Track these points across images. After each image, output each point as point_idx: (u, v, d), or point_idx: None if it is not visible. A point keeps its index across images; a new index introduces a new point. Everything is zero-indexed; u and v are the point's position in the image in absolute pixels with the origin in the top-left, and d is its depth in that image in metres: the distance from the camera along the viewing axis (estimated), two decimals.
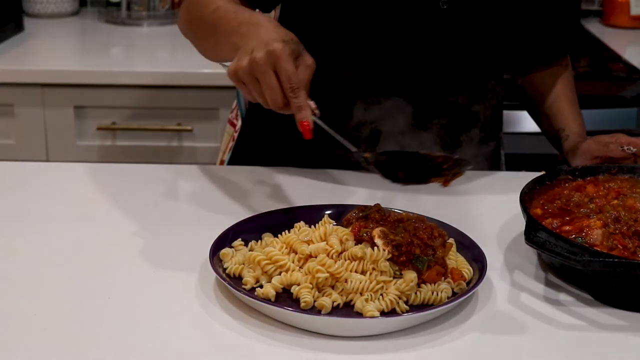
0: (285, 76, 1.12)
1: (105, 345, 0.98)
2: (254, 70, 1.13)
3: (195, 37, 1.38)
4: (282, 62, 1.12)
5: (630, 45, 2.65)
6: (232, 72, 1.15)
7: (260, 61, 1.12)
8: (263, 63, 1.12)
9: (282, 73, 1.12)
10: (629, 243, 1.11)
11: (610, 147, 1.39)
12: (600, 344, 1.01)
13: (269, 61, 1.12)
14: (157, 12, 2.67)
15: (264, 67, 1.12)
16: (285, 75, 1.12)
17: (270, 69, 1.12)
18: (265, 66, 1.12)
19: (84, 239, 1.24)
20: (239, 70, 1.14)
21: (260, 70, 1.12)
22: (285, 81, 1.13)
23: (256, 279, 1.08)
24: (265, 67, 1.12)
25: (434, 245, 1.08)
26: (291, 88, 1.13)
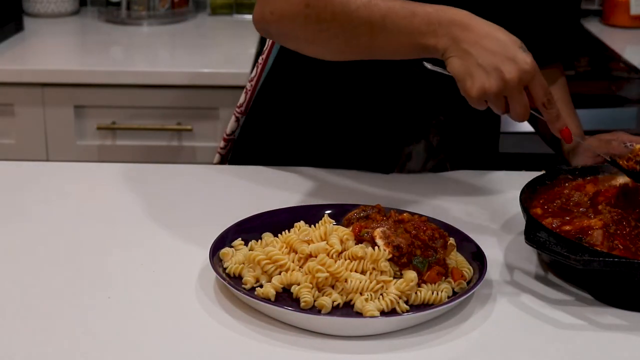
0: (541, 90, 1.10)
1: (105, 345, 0.98)
2: (506, 91, 1.09)
3: (323, 38, 1.20)
4: (537, 78, 1.09)
5: (630, 44, 2.65)
6: (478, 93, 1.09)
7: (516, 82, 1.07)
8: (519, 83, 1.08)
9: (536, 88, 1.10)
10: (630, 243, 1.11)
11: (612, 144, 1.39)
12: (600, 344, 1.01)
13: (524, 80, 1.08)
14: (157, 12, 2.67)
15: (518, 88, 1.08)
16: (541, 90, 1.10)
17: (522, 87, 1.09)
18: (520, 86, 1.08)
19: (84, 239, 1.24)
20: (488, 92, 1.08)
21: (513, 91, 1.08)
22: (541, 95, 1.10)
23: (256, 279, 1.08)
24: (520, 87, 1.08)
25: (435, 246, 1.08)
26: (547, 100, 1.11)
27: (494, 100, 1.10)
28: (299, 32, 1.22)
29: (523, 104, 1.10)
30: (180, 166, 1.54)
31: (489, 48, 1.08)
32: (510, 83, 1.08)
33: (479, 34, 1.09)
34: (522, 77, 1.08)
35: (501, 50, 1.08)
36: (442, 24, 1.11)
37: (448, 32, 1.10)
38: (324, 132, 1.49)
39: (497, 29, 1.11)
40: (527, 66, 1.08)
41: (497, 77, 1.08)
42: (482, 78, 1.08)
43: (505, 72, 1.07)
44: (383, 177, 1.46)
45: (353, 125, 1.46)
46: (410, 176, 1.47)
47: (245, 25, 2.63)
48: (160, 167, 1.54)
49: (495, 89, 1.08)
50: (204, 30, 2.65)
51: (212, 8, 2.78)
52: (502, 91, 1.08)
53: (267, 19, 1.24)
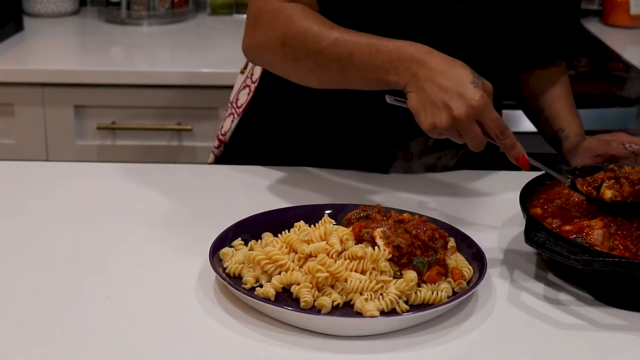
0: (492, 125, 1.14)
1: (105, 345, 0.98)
2: (456, 126, 1.13)
3: (300, 72, 1.29)
4: (487, 113, 1.13)
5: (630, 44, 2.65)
6: (429, 128, 1.14)
7: (464, 118, 1.12)
8: (467, 119, 1.12)
9: (487, 123, 1.13)
10: (630, 243, 1.11)
11: (611, 145, 1.39)
12: (600, 344, 1.01)
13: (473, 116, 1.12)
14: (157, 12, 2.67)
15: (468, 123, 1.12)
16: (492, 124, 1.14)
17: (473, 122, 1.13)
18: (469, 122, 1.12)
19: (84, 238, 1.24)
20: (438, 127, 1.13)
21: (465, 126, 1.13)
22: (493, 128, 1.14)
23: (256, 279, 1.08)
24: (470, 123, 1.13)
25: (435, 246, 1.08)
26: (500, 132, 1.14)
27: (446, 134, 1.15)
28: (278, 66, 1.32)
29: (474, 137, 1.14)
30: (180, 166, 1.54)
31: (441, 85, 1.13)
32: (459, 119, 1.12)
33: (434, 70, 1.15)
34: (469, 114, 1.12)
35: (452, 87, 1.13)
36: (402, 60, 1.17)
37: (407, 68, 1.17)
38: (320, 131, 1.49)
39: (453, 65, 1.15)
40: (475, 102, 1.12)
41: (446, 113, 1.13)
42: (434, 114, 1.13)
43: (454, 108, 1.12)
44: (383, 177, 1.47)
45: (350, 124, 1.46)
46: (410, 176, 1.47)
47: None
48: (160, 167, 1.54)
49: (445, 125, 1.13)
50: (204, 30, 2.65)
51: (212, 8, 2.78)
52: (452, 126, 1.13)
53: (252, 50, 1.34)
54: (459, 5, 1.35)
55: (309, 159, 1.49)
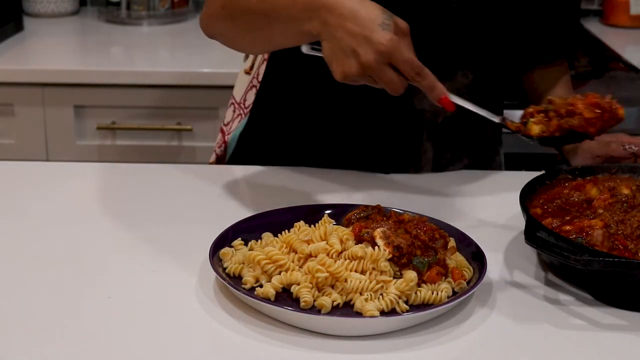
0: (405, 66, 1.09)
1: (105, 345, 0.98)
2: (367, 72, 1.09)
3: (240, 32, 1.29)
4: (396, 55, 1.07)
5: (630, 44, 2.65)
6: (340, 77, 1.10)
7: (372, 63, 1.07)
8: (377, 64, 1.07)
9: (400, 65, 1.08)
10: (630, 244, 1.11)
11: (611, 146, 1.39)
12: (600, 344, 1.01)
13: (382, 60, 1.08)
14: (157, 12, 2.67)
15: (379, 67, 1.08)
16: (405, 66, 1.09)
17: (385, 66, 1.08)
18: (380, 65, 1.08)
19: (84, 238, 1.24)
20: (348, 76, 1.10)
21: (375, 71, 1.08)
22: (407, 70, 1.09)
23: (256, 279, 1.08)
24: (381, 66, 1.08)
25: (436, 246, 1.08)
26: (415, 73, 1.10)
27: (360, 81, 1.11)
28: (222, 31, 1.31)
29: (389, 81, 1.09)
30: (180, 166, 1.54)
31: (350, 30, 1.08)
32: (367, 65, 1.08)
33: (343, 15, 1.09)
34: (377, 59, 1.07)
35: (360, 31, 1.08)
36: (314, 9, 1.12)
37: (319, 16, 1.11)
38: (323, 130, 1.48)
39: (362, 7, 1.10)
40: (383, 46, 1.07)
41: (355, 60, 1.08)
42: (343, 62, 1.09)
43: (361, 55, 1.08)
44: (383, 177, 1.46)
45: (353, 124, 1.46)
46: (410, 176, 1.47)
47: None
48: (160, 167, 1.54)
49: (355, 72, 1.09)
50: None
51: None
52: (363, 73, 1.09)
53: (204, 22, 1.35)
54: (453, 3, 1.35)
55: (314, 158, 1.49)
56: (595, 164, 1.38)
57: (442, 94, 1.12)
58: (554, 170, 1.30)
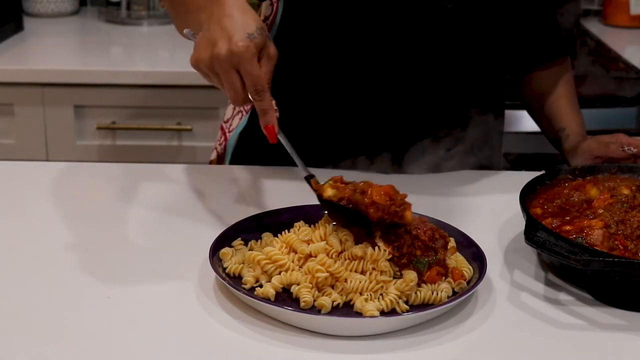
0: (250, 79, 1.10)
1: (105, 345, 0.98)
2: (215, 66, 1.10)
3: (171, 15, 1.33)
4: (245, 64, 1.09)
5: (630, 44, 2.65)
6: (193, 62, 1.12)
7: (222, 59, 1.09)
8: (225, 62, 1.09)
9: (245, 76, 1.10)
10: (630, 244, 1.11)
11: (610, 147, 1.39)
12: (600, 344, 1.01)
13: (231, 61, 1.09)
14: (157, 12, 2.67)
15: (225, 66, 1.09)
16: (249, 78, 1.10)
17: (232, 68, 1.09)
18: (227, 65, 1.09)
19: (83, 238, 1.23)
20: (200, 62, 1.11)
21: (222, 68, 1.09)
22: (249, 84, 1.10)
23: (256, 279, 1.08)
24: (227, 66, 1.09)
25: (436, 247, 1.08)
26: (255, 90, 1.11)
27: (205, 73, 1.12)
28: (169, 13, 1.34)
29: (231, 86, 1.11)
30: (180, 166, 1.54)
31: (223, 26, 1.10)
32: (216, 59, 1.09)
33: (225, 12, 1.11)
34: (227, 58, 1.08)
35: (229, 29, 1.09)
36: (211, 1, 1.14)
37: (210, 8, 1.13)
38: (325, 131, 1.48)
39: (244, 13, 1.12)
40: (237, 49, 1.08)
41: (209, 50, 1.09)
42: (200, 49, 1.11)
43: (217, 47, 1.09)
44: (383, 177, 1.46)
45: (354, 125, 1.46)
46: (410, 176, 1.47)
47: None
48: (160, 167, 1.54)
49: (205, 60, 1.10)
50: None
51: None
52: (211, 65, 1.10)
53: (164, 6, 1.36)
54: (448, 4, 1.35)
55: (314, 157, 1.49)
56: (596, 163, 1.38)
57: (270, 122, 1.14)
58: (554, 171, 1.30)
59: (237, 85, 1.11)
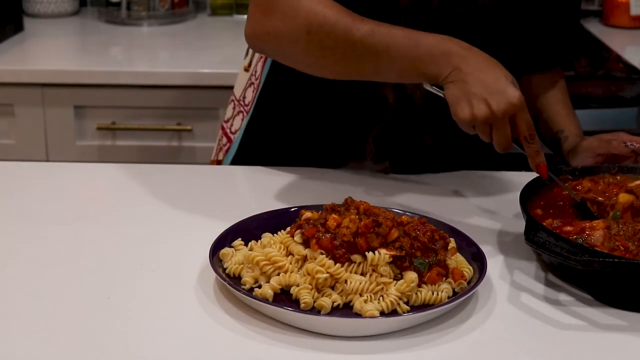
0: (525, 125, 1.17)
1: (105, 345, 0.98)
2: (490, 120, 1.16)
3: (327, 61, 1.25)
4: (523, 113, 1.16)
5: (630, 45, 2.65)
6: (468, 119, 1.16)
7: (501, 113, 1.15)
8: (504, 115, 1.15)
9: (521, 123, 1.17)
10: (631, 245, 1.11)
11: (612, 144, 1.39)
12: (600, 344, 1.01)
13: (509, 113, 1.15)
14: (157, 12, 2.67)
15: (503, 119, 1.16)
16: (525, 125, 1.17)
17: (507, 120, 1.16)
18: (505, 118, 1.15)
19: (83, 238, 1.24)
20: (477, 118, 1.15)
21: (498, 122, 1.16)
22: (525, 130, 1.17)
23: (255, 279, 1.08)
24: (505, 119, 1.16)
25: (436, 248, 1.08)
26: (530, 135, 1.18)
27: (480, 127, 1.17)
28: (298, 56, 1.28)
29: (505, 135, 1.17)
30: (180, 166, 1.54)
31: (483, 80, 1.16)
32: (497, 114, 1.15)
33: (476, 66, 1.17)
34: (507, 110, 1.15)
35: (493, 83, 1.16)
36: (444, 54, 1.18)
37: (449, 61, 1.18)
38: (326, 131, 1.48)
39: (493, 64, 1.18)
40: (515, 100, 1.15)
41: (485, 107, 1.15)
42: (472, 105, 1.16)
43: (493, 103, 1.15)
44: (383, 177, 1.47)
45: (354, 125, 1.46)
46: (410, 176, 1.47)
47: None
48: (160, 167, 1.54)
49: (483, 117, 1.15)
50: (204, 31, 2.65)
51: (212, 9, 2.78)
52: (489, 120, 1.16)
53: (262, 38, 1.28)
54: (459, 7, 1.35)
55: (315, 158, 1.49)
56: (597, 162, 1.38)
57: (543, 162, 1.21)
58: (554, 171, 1.30)
59: (509, 133, 1.17)
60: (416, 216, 1.16)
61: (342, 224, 1.07)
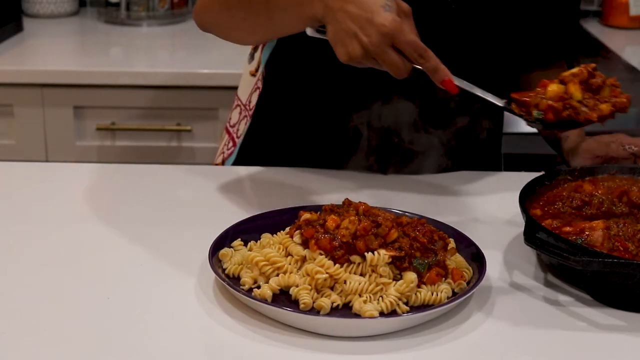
0: (409, 48, 1.08)
1: (105, 345, 0.98)
2: (370, 54, 1.08)
3: (236, 22, 1.28)
4: (399, 37, 1.07)
5: (630, 45, 2.66)
6: (344, 58, 1.10)
7: (375, 45, 1.07)
8: (379, 45, 1.07)
9: (404, 47, 1.08)
10: (630, 245, 1.11)
11: (611, 146, 1.39)
12: (599, 344, 1.02)
13: (385, 42, 1.07)
14: (156, 12, 2.67)
15: (381, 49, 1.07)
16: (408, 48, 1.08)
17: (388, 47, 1.08)
18: (382, 47, 1.07)
19: (83, 239, 1.24)
20: (353, 57, 1.09)
21: (378, 52, 1.07)
22: (410, 52, 1.08)
23: (254, 280, 1.08)
24: (383, 48, 1.07)
25: (435, 248, 1.08)
26: (419, 55, 1.09)
27: (364, 63, 1.10)
28: (218, 20, 1.33)
29: (392, 63, 1.09)
30: (180, 166, 1.54)
31: (352, 13, 1.08)
32: (370, 47, 1.07)
33: None
34: (380, 40, 1.07)
35: (362, 13, 1.07)
36: None
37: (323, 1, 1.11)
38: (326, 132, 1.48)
39: None
40: (385, 28, 1.07)
41: (357, 43, 1.08)
42: (346, 44, 1.09)
43: (364, 37, 1.07)
44: (383, 177, 1.47)
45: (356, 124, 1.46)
46: (410, 177, 1.47)
47: None
48: (160, 167, 1.54)
49: (359, 56, 1.08)
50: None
51: None
52: (366, 55, 1.08)
53: (197, 13, 1.37)
54: (451, 4, 1.35)
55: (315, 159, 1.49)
56: (595, 164, 1.38)
57: (446, 76, 1.11)
58: (553, 171, 1.30)
59: (397, 60, 1.09)
60: (415, 217, 1.16)
61: (341, 224, 1.07)
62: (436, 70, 1.11)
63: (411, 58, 1.09)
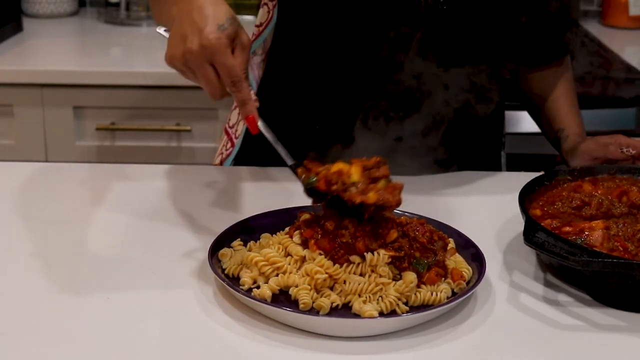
0: (224, 71, 1.08)
1: (105, 345, 0.98)
2: (188, 62, 1.09)
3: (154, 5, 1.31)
4: (218, 56, 1.07)
5: (629, 45, 2.66)
6: (167, 60, 1.11)
7: (194, 54, 1.07)
8: (198, 56, 1.07)
9: (220, 68, 1.08)
10: (630, 245, 1.11)
11: (609, 149, 1.39)
12: (598, 344, 1.02)
13: (204, 55, 1.07)
14: None
15: (199, 61, 1.07)
16: (224, 70, 1.08)
17: (206, 62, 1.08)
18: (200, 60, 1.07)
19: (83, 239, 1.24)
20: (173, 60, 1.10)
21: (195, 63, 1.08)
22: (225, 76, 1.08)
23: (253, 280, 1.08)
24: (201, 61, 1.07)
25: (435, 248, 1.08)
26: (232, 82, 1.09)
27: (181, 70, 1.11)
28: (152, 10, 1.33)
29: (207, 80, 1.09)
30: (180, 167, 1.54)
31: (192, 20, 1.08)
32: (188, 54, 1.08)
33: (194, 5, 1.09)
34: (200, 52, 1.07)
35: (197, 23, 1.07)
36: None
37: (180, 1, 1.12)
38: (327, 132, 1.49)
39: (214, 4, 1.09)
40: (207, 42, 1.06)
41: (181, 46, 1.08)
42: (173, 46, 1.10)
43: (187, 42, 1.07)
44: None
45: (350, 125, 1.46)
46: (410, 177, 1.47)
47: (245, 26, 2.62)
48: (160, 167, 1.53)
49: (178, 57, 1.09)
50: None
51: None
52: (185, 60, 1.09)
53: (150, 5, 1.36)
54: (442, 6, 1.35)
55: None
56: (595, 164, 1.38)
57: (251, 113, 1.11)
58: (553, 172, 1.30)
59: (212, 79, 1.09)
60: (415, 216, 1.16)
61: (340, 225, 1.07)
62: (244, 103, 1.11)
63: (225, 82, 1.09)
